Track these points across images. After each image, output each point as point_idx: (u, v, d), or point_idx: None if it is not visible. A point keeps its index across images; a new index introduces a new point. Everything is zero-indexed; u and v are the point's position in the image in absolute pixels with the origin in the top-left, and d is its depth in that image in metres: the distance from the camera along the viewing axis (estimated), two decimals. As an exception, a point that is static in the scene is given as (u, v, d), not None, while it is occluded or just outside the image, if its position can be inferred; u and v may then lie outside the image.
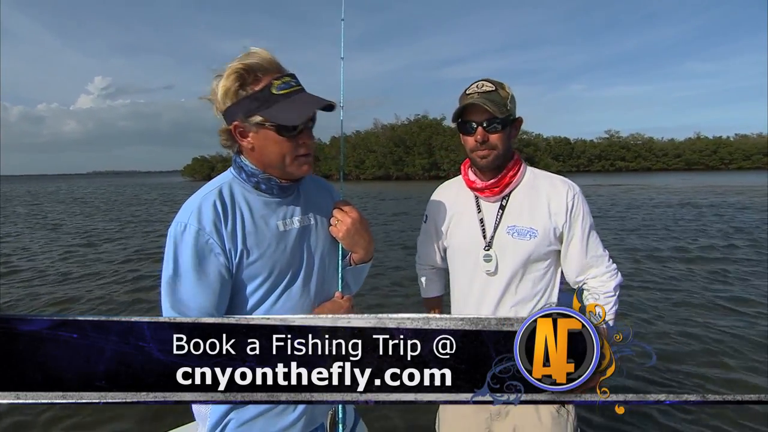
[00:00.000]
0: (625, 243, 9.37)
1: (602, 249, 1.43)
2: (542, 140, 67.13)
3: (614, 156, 72.79)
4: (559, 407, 1.41)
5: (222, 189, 1.12)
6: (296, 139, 1.10)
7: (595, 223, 1.44)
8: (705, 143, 71.70)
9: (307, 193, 1.26)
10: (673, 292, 5.89)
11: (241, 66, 1.03)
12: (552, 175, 1.46)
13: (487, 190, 1.42)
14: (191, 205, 1.08)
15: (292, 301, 1.16)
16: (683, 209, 15.14)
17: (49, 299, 6.16)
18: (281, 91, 1.05)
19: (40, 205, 24.55)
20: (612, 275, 1.41)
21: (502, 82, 1.37)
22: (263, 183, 1.14)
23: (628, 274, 6.73)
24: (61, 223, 15.24)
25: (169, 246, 1.06)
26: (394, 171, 53.71)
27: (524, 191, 1.42)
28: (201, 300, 1.05)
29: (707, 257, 7.85)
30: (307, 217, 1.22)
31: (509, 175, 1.40)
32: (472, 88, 1.35)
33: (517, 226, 1.39)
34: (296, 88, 1.08)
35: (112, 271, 7.82)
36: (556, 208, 1.38)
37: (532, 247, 1.37)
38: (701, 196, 19.76)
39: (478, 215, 1.45)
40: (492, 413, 1.45)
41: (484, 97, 1.31)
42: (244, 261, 1.09)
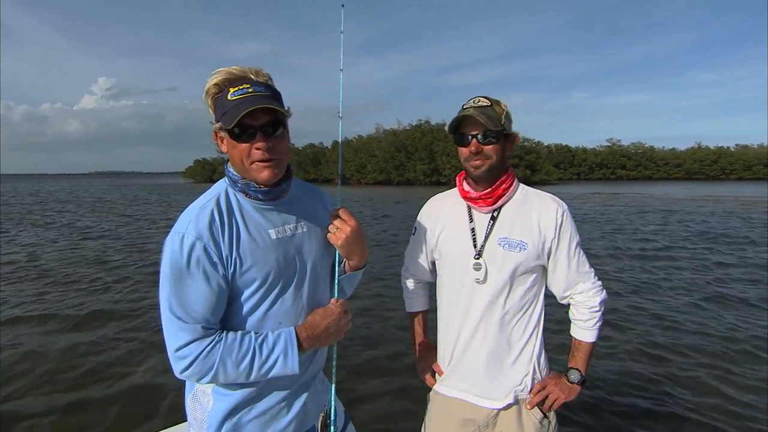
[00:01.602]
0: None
1: (588, 266, 1.48)
2: (543, 147, 67.26)
3: (615, 164, 73.13)
4: (542, 417, 1.46)
5: (219, 198, 1.14)
6: (251, 144, 1.10)
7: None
8: (706, 153, 72.08)
9: (299, 200, 1.28)
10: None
11: (216, 81, 1.09)
12: (542, 193, 1.52)
13: (481, 200, 1.46)
14: (189, 215, 1.11)
15: (285, 307, 1.18)
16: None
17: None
18: (234, 97, 1.07)
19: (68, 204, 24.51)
20: (597, 291, 1.46)
21: (498, 99, 1.43)
22: (245, 188, 1.16)
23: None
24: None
25: (167, 255, 1.08)
26: (396, 176, 53.88)
27: (515, 206, 1.47)
28: (198, 308, 1.07)
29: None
30: (299, 224, 1.24)
31: (502, 188, 1.45)
32: (469, 102, 1.42)
33: (508, 238, 1.43)
34: (250, 93, 1.07)
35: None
36: (545, 224, 1.43)
37: (522, 258, 1.41)
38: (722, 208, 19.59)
39: (469, 225, 1.49)
40: (480, 425, 1.48)
41: (479, 110, 1.37)
42: (239, 269, 1.11)
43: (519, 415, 1.45)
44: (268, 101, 1.07)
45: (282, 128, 1.13)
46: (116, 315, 5.47)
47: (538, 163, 55.56)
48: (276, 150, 1.12)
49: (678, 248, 9.73)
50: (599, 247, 9.96)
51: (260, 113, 1.08)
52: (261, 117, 1.08)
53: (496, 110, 1.39)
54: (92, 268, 8.14)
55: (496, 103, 1.41)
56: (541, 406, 1.46)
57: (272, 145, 1.10)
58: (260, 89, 1.08)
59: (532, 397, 1.45)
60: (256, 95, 1.07)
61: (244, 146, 1.09)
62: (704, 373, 3.84)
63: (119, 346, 4.48)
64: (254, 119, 1.07)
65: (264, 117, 1.09)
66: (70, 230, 13.42)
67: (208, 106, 1.13)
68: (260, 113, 1.08)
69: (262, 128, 1.09)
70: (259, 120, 1.08)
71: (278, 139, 1.12)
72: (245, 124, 1.07)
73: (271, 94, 1.10)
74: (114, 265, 8.36)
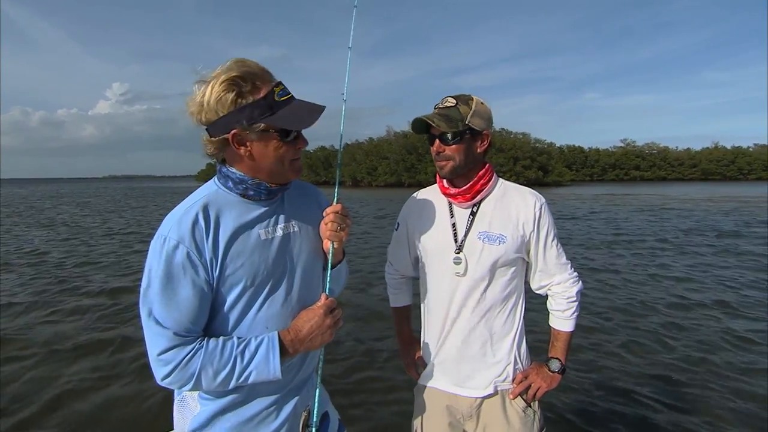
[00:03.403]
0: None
1: (565, 257, 1.52)
2: (555, 149, 66.59)
3: (629, 165, 72.12)
4: (525, 407, 1.49)
5: (204, 201, 1.10)
6: (295, 144, 1.13)
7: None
8: (723, 153, 70.76)
9: (291, 199, 1.26)
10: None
11: (237, 75, 1.02)
12: (521, 188, 1.54)
13: (460, 196, 1.49)
14: (173, 218, 1.07)
15: (274, 310, 1.15)
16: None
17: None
18: (282, 97, 1.06)
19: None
20: (574, 282, 1.51)
21: (470, 97, 1.44)
22: (252, 189, 1.13)
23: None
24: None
25: (150, 258, 1.05)
26: (407, 178, 53.76)
27: (494, 201, 1.50)
28: (178, 314, 1.04)
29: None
30: (290, 224, 1.22)
31: (480, 183, 1.48)
32: (438, 103, 1.46)
33: (488, 232, 1.46)
34: (291, 95, 1.10)
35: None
36: (524, 217, 1.46)
37: (501, 251, 1.44)
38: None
39: (450, 220, 1.52)
40: (464, 414, 1.52)
41: (439, 112, 1.42)
42: (224, 272, 1.08)
43: (503, 405, 1.49)
44: (319, 106, 1.12)
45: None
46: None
47: (551, 165, 55.10)
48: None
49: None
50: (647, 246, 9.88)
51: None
52: None
53: (461, 110, 1.40)
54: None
55: (464, 102, 1.42)
56: (525, 396, 1.49)
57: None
58: (290, 92, 1.11)
59: (515, 387, 1.48)
60: (301, 100, 1.12)
61: (288, 147, 1.11)
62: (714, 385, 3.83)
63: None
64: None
65: None
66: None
67: (217, 108, 1.03)
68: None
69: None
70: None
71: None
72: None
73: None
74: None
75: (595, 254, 9.21)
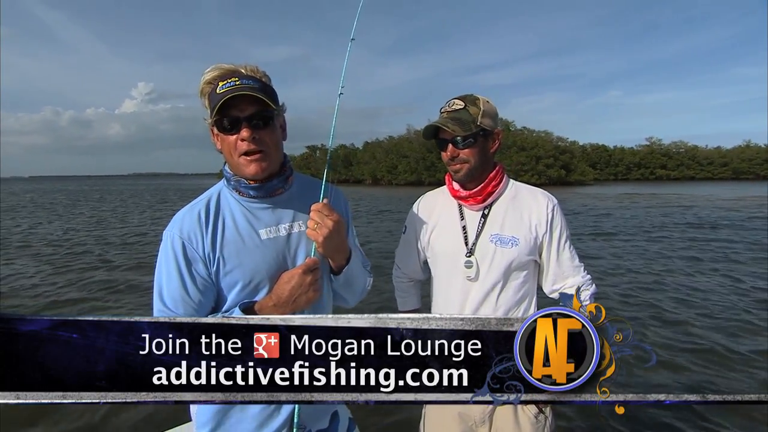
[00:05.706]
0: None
1: (578, 260, 1.49)
2: (578, 147, 65.35)
3: (654, 164, 70.27)
4: (537, 412, 1.45)
5: (210, 199, 1.17)
6: (237, 136, 1.08)
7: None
8: (755, 151, 68.07)
9: (299, 198, 1.22)
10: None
11: (215, 75, 1.09)
12: (533, 188, 1.51)
13: (471, 198, 1.46)
14: (178, 216, 1.15)
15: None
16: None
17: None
18: (222, 90, 1.04)
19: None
20: (587, 285, 1.46)
21: (477, 97, 1.40)
22: (237, 185, 1.15)
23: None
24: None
25: (159, 254, 1.13)
26: (427, 177, 53.50)
27: (506, 202, 1.47)
28: (183, 307, 1.09)
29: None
30: (296, 224, 1.20)
31: (492, 185, 1.45)
32: (444, 107, 1.42)
33: (500, 235, 1.42)
34: (237, 86, 1.04)
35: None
36: (537, 218, 1.44)
37: (514, 254, 1.41)
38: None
39: (460, 222, 1.48)
40: (476, 420, 1.48)
41: (450, 116, 1.38)
42: (222, 269, 1.11)
43: (515, 410, 1.45)
44: (253, 91, 1.04)
45: (271, 121, 1.11)
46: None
47: (573, 163, 54.01)
48: (263, 142, 1.09)
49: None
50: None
51: (246, 105, 1.06)
52: (247, 108, 1.06)
53: (471, 112, 1.37)
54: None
55: (472, 103, 1.39)
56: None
57: (258, 136, 1.08)
58: (249, 82, 1.06)
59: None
60: (242, 87, 1.04)
61: (231, 138, 1.08)
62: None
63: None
64: (240, 110, 1.06)
65: (250, 108, 1.07)
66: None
67: (205, 105, 1.12)
68: (246, 105, 1.06)
69: (248, 119, 1.07)
70: (245, 111, 1.06)
71: (265, 131, 1.10)
72: (232, 116, 1.06)
73: (259, 87, 1.07)
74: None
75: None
